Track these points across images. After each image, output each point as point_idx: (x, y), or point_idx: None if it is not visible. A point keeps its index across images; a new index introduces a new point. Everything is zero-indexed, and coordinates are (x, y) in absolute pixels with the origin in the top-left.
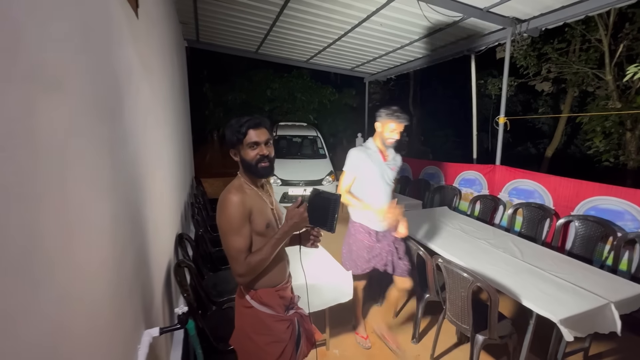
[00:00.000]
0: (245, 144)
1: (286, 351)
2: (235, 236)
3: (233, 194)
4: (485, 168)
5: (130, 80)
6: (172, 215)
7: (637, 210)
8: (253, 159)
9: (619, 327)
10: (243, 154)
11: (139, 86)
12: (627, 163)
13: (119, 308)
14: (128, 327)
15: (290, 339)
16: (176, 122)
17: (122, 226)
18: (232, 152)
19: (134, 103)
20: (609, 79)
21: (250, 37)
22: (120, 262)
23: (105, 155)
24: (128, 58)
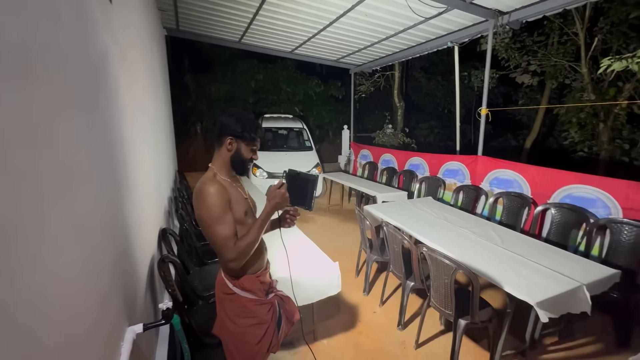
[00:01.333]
0: (252, 144)
1: (268, 332)
2: (220, 225)
3: (209, 184)
4: (467, 159)
5: (106, 68)
6: (155, 210)
7: (608, 198)
8: (248, 160)
9: (589, 307)
10: (242, 151)
11: (116, 75)
12: (600, 153)
13: (98, 306)
14: (109, 325)
15: (272, 320)
16: (157, 114)
17: (101, 221)
18: (229, 140)
19: (112, 93)
20: (584, 71)
21: (232, 26)
22: (99, 258)
23: (81, 146)
24: (103, 45)
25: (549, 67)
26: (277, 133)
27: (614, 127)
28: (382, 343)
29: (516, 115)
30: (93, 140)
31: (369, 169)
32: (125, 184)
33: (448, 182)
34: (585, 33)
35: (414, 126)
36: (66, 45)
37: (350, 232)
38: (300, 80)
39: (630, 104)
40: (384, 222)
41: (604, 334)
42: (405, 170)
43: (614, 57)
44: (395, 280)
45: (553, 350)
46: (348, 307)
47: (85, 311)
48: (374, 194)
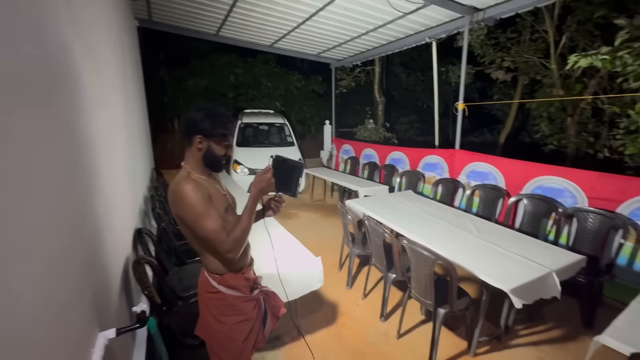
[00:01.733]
0: (224, 141)
1: (254, 328)
2: (207, 219)
3: (184, 183)
4: (446, 152)
5: (68, 60)
6: (129, 210)
7: (575, 188)
8: (222, 156)
9: (559, 292)
10: (214, 148)
11: (80, 67)
12: (568, 146)
13: (63, 312)
14: (77, 331)
15: (258, 316)
16: (129, 109)
17: (66, 223)
18: (199, 139)
19: (75, 86)
20: (554, 68)
21: (209, 18)
22: (64, 262)
23: (40, 143)
24: (63, 35)
25: (521, 64)
26: (258, 129)
27: (580, 121)
28: (364, 335)
29: (491, 110)
30: (51, 137)
31: (351, 164)
32: (94, 183)
33: (427, 175)
34: (554, 31)
35: (395, 121)
36: (19, 31)
37: (333, 227)
38: (281, 75)
39: (595, 99)
40: (366, 216)
41: (571, 316)
42: (387, 164)
43: (580, 54)
44: (377, 273)
45: (526, 334)
46: (331, 301)
47: (48, 318)
48: (355, 188)
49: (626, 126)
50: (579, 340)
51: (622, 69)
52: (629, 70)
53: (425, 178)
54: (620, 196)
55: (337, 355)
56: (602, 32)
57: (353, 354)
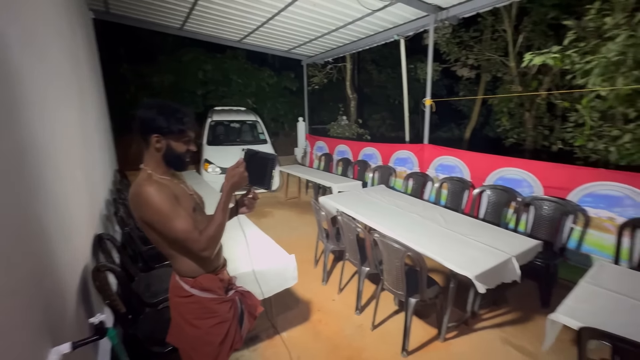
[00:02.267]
0: (183, 137)
1: (231, 329)
2: (176, 220)
3: (146, 185)
4: (415, 147)
5: (6, 53)
6: (87, 215)
7: (532, 178)
8: (184, 154)
9: (518, 276)
10: (174, 146)
11: (21, 61)
12: (526, 139)
13: (4, 331)
14: (22, 349)
15: (234, 317)
16: (86, 107)
17: (5, 232)
18: (156, 138)
19: (16, 81)
20: (512, 65)
21: (172, 11)
22: (4, 278)
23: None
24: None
25: (483, 61)
26: (229, 127)
27: (536, 115)
28: (340, 329)
29: (458, 106)
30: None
31: (324, 161)
32: (41, 188)
33: (399, 170)
34: (512, 30)
35: (367, 117)
36: None
37: (308, 224)
38: (252, 71)
39: (549, 95)
40: (339, 212)
41: (530, 298)
42: (359, 160)
43: (534, 53)
44: (352, 268)
45: (491, 317)
46: (307, 298)
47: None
48: (329, 185)
49: (575, 120)
50: (538, 319)
51: (571, 66)
52: (576, 67)
53: (396, 173)
54: (571, 184)
55: (313, 350)
56: (555, 32)
57: (330, 349)
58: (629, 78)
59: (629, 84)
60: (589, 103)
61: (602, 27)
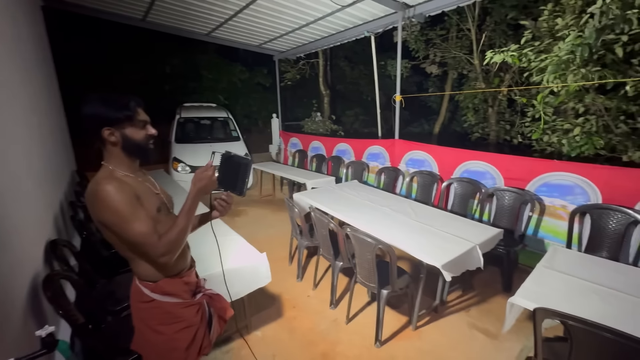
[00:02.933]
0: (135, 122)
1: (198, 334)
2: (134, 222)
3: (104, 183)
4: (387, 142)
5: None
6: (37, 219)
7: (494, 170)
8: (143, 139)
9: (482, 263)
10: (130, 134)
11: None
12: (490, 134)
13: None
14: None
15: (202, 321)
16: (33, 103)
17: None
18: (108, 132)
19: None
20: (476, 63)
21: (132, 1)
22: None
23: None
24: None
25: (450, 59)
26: (199, 123)
27: (499, 111)
28: (315, 324)
29: (427, 102)
30: None
31: (299, 157)
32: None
33: (371, 165)
34: (475, 29)
35: (341, 113)
36: None
37: (283, 222)
38: (223, 66)
39: (509, 91)
40: (312, 208)
41: (494, 283)
42: (333, 156)
43: (495, 51)
44: (326, 263)
45: (458, 303)
46: (282, 295)
47: None
48: (303, 181)
49: (532, 115)
50: (501, 303)
51: (527, 64)
52: (532, 65)
53: (369, 168)
54: (529, 175)
55: (289, 347)
56: (514, 32)
57: (305, 344)
58: (577, 75)
59: (578, 81)
60: (543, 99)
61: (554, 28)
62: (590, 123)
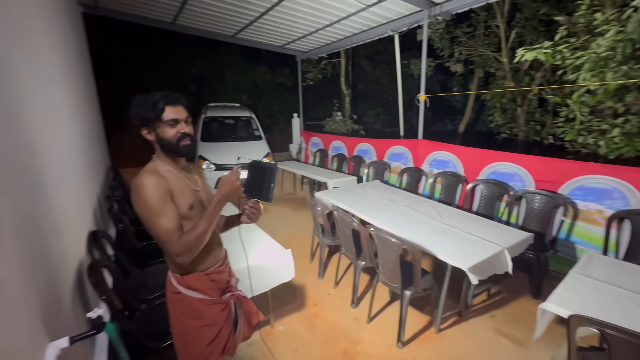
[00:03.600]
0: (163, 121)
1: (222, 333)
2: (160, 217)
3: (145, 177)
4: (410, 143)
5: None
6: (80, 211)
7: (524, 172)
8: (173, 138)
9: (510, 267)
10: (160, 132)
11: (4, 55)
12: (518, 134)
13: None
14: (20, 344)
15: (227, 321)
16: (76, 103)
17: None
18: (145, 130)
19: (8, 79)
20: (505, 61)
21: (163, 5)
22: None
23: None
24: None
25: (476, 57)
26: (223, 122)
27: (528, 111)
28: (337, 322)
29: (451, 101)
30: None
31: (320, 157)
32: (33, 185)
33: (393, 165)
34: (505, 26)
35: (362, 113)
36: None
37: (304, 220)
38: (247, 67)
39: (540, 90)
40: (335, 207)
41: (522, 289)
42: (354, 155)
43: (526, 48)
44: (347, 262)
45: (483, 308)
46: (304, 292)
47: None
48: (325, 180)
49: (566, 114)
50: (529, 310)
51: (562, 62)
52: (567, 63)
53: (391, 168)
54: (562, 178)
55: (310, 343)
56: (546, 28)
57: (326, 341)
58: (617, 73)
59: (618, 79)
60: (579, 98)
61: (592, 23)
62: (631, 124)
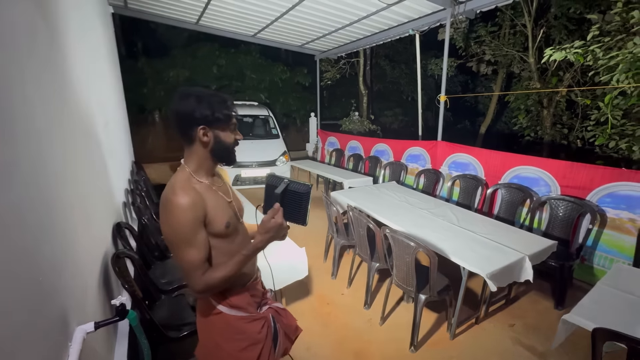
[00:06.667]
0: (231, 124)
1: (263, 352)
2: (187, 248)
3: (180, 195)
4: (428, 144)
5: (33, 42)
6: (106, 204)
7: (549, 177)
8: (232, 143)
9: (531, 275)
10: (222, 136)
11: (47, 52)
12: (544, 137)
13: (32, 309)
14: (51, 327)
15: (267, 338)
16: (107, 99)
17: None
18: (202, 130)
19: (41, 70)
20: (532, 61)
21: (188, 6)
22: (31, 258)
23: None
24: (24, 14)
25: (501, 57)
26: (242, 121)
27: (555, 113)
28: (349, 322)
29: (472, 102)
30: (15, 123)
31: (336, 156)
32: (62, 176)
33: (410, 166)
34: (532, 25)
35: (379, 113)
36: None
37: (319, 219)
38: (266, 66)
39: (569, 92)
40: (350, 207)
41: (544, 298)
42: (371, 156)
43: (554, 48)
44: (361, 262)
45: (501, 316)
46: (317, 291)
47: (16, 316)
48: (340, 180)
49: (596, 118)
50: (551, 321)
51: (594, 62)
52: (599, 63)
53: (408, 169)
54: (590, 184)
55: (322, 341)
56: (577, 27)
57: (338, 340)
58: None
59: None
60: (611, 100)
61: (629, 22)
62: None
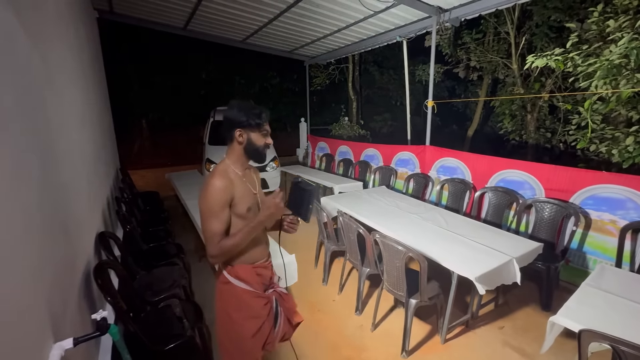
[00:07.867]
0: (261, 130)
1: (264, 327)
2: (213, 219)
3: (217, 179)
4: (417, 149)
5: (12, 48)
6: (89, 212)
7: (533, 180)
8: (262, 145)
9: (519, 277)
10: (254, 138)
11: (29, 56)
12: (528, 141)
13: (6, 324)
14: (26, 344)
15: (269, 315)
16: (90, 105)
17: (7, 228)
18: (238, 132)
19: (19, 76)
20: (515, 67)
21: (175, 11)
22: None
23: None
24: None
25: (485, 63)
26: None
27: (538, 117)
28: (341, 328)
29: (459, 107)
30: None
31: (326, 161)
32: (47, 183)
33: (400, 171)
34: (515, 32)
35: (369, 118)
36: None
37: (309, 225)
38: (255, 72)
39: (551, 97)
40: (340, 212)
41: (531, 300)
42: (361, 161)
43: (536, 55)
44: (351, 267)
45: (491, 318)
46: (308, 298)
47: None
48: (331, 185)
49: (577, 122)
50: (538, 322)
51: (573, 69)
52: (579, 70)
53: (397, 174)
54: (573, 187)
55: (314, 350)
56: (557, 35)
57: (330, 348)
58: (631, 81)
59: (632, 87)
60: (591, 106)
61: (605, 30)
62: None
